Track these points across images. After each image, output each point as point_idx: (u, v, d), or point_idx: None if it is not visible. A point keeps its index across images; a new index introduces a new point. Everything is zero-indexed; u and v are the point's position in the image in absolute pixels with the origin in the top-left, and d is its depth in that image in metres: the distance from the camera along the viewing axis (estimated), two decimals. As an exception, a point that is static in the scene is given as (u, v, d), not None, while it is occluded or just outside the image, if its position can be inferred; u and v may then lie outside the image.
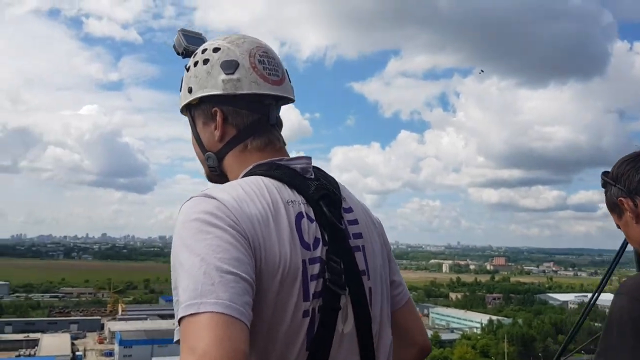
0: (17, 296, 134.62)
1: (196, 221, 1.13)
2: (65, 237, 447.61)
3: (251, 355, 1.09)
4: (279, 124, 1.45)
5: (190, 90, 1.42)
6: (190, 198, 1.22)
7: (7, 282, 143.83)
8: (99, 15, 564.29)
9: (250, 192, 1.22)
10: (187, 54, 1.53)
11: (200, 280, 1.04)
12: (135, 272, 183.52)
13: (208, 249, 1.08)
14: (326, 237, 1.25)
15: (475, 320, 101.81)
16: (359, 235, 1.36)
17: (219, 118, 1.39)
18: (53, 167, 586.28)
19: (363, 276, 1.31)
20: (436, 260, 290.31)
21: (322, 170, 1.43)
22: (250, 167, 1.35)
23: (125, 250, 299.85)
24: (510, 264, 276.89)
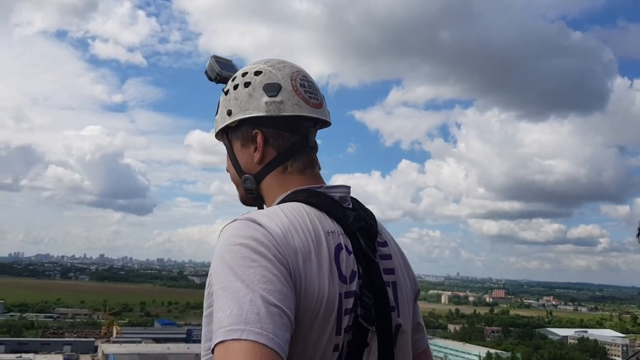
0: (12, 315, 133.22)
1: (242, 246, 1.12)
2: (63, 257, 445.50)
3: None
4: (315, 147, 1.45)
5: (229, 113, 1.42)
6: (234, 220, 1.20)
7: (2, 301, 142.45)
8: (106, 38, 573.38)
9: (294, 220, 1.21)
10: (219, 79, 1.54)
11: (245, 306, 1.02)
12: (132, 294, 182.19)
13: (254, 277, 1.06)
14: (361, 271, 1.24)
15: (474, 353, 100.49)
16: (391, 271, 1.34)
17: (259, 140, 1.38)
18: (53, 186, 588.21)
19: (392, 312, 1.28)
20: (435, 291, 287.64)
21: (359, 202, 1.42)
22: (288, 192, 1.34)
23: (122, 272, 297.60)
24: (509, 296, 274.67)
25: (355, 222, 1.29)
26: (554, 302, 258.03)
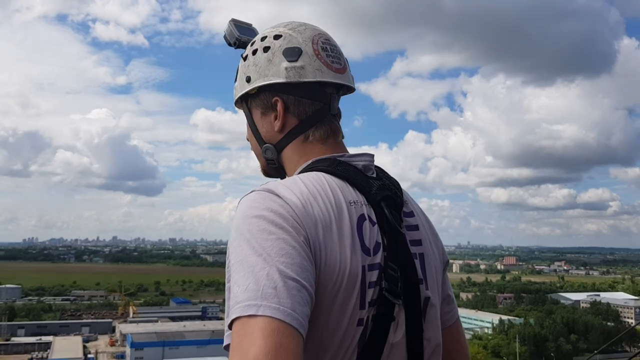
0: (30, 299, 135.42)
1: (260, 218, 1.08)
2: (76, 240, 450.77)
3: None
4: (339, 114, 1.39)
5: (248, 80, 1.36)
6: (252, 191, 1.17)
7: (19, 286, 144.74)
8: (106, 20, 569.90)
9: (314, 190, 1.17)
10: (239, 44, 1.49)
11: (262, 281, 0.98)
12: (146, 274, 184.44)
13: (271, 250, 1.03)
14: (386, 242, 1.20)
15: (486, 320, 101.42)
16: (418, 243, 1.30)
17: (279, 108, 1.33)
18: (63, 170, 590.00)
19: (420, 285, 1.24)
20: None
21: (385, 171, 1.37)
22: (310, 162, 1.30)
23: (135, 253, 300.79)
24: (521, 263, 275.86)
25: (379, 191, 1.24)
26: (565, 267, 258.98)
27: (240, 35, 1.50)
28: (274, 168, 1.42)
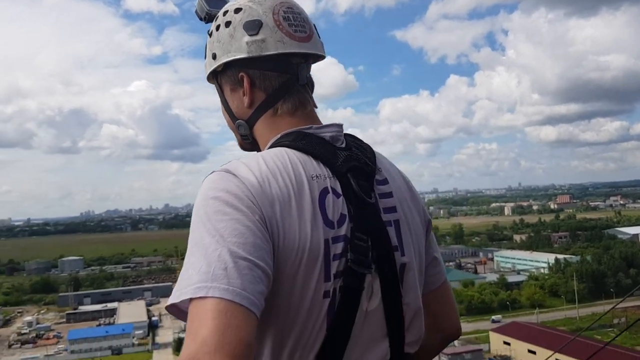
0: (92, 269, 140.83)
1: (215, 200, 1.10)
2: (130, 210, 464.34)
3: (267, 339, 1.11)
4: (309, 84, 1.37)
5: (214, 57, 1.36)
6: (212, 172, 1.18)
7: (81, 257, 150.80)
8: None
9: (274, 167, 1.16)
10: (209, 18, 1.45)
11: (213, 263, 1.00)
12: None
13: (224, 231, 1.04)
14: (352, 213, 1.19)
15: (542, 260, 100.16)
16: (392, 210, 1.28)
17: (246, 83, 1.32)
18: (110, 144, 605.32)
19: (395, 252, 1.24)
20: (497, 204, 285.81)
21: (357, 139, 1.36)
22: (278, 136, 1.29)
23: (188, 219, 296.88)
24: (575, 201, 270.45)
25: (346, 162, 1.23)
26: (621, 202, 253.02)
27: (210, 9, 1.46)
28: (249, 143, 1.41)
